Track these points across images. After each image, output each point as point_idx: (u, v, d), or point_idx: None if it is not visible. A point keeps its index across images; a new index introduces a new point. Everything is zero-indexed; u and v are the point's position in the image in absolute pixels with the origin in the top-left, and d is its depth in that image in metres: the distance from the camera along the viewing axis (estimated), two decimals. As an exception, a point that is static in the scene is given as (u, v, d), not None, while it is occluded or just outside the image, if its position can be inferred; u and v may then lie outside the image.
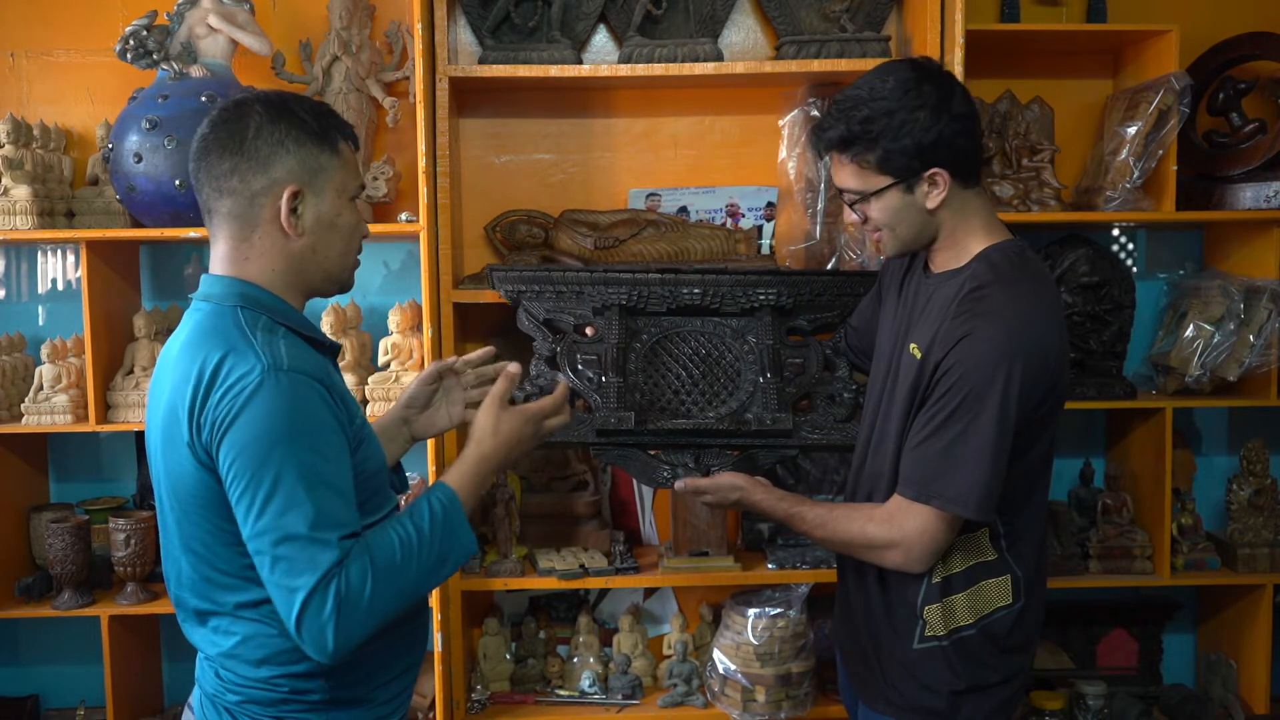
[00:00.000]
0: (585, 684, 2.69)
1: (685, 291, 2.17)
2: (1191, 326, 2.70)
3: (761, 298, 2.17)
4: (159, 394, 1.49)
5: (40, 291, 2.85)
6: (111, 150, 2.45)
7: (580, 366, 2.10)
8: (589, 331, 2.17)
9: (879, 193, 1.68)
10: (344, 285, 1.59)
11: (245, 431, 1.36)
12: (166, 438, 1.47)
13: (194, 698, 1.59)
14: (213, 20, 2.52)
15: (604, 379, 2.06)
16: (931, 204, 1.68)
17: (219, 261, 1.52)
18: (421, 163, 2.44)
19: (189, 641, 1.56)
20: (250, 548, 1.39)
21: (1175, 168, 2.61)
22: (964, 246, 1.72)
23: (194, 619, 1.53)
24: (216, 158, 1.48)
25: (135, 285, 2.78)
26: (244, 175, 1.47)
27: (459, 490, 1.52)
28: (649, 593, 2.87)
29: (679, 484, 1.92)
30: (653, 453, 2.04)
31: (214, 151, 1.48)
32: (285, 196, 1.47)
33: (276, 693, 1.49)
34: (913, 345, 1.72)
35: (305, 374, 1.40)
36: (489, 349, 1.88)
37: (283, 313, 1.49)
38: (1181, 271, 2.94)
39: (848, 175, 1.70)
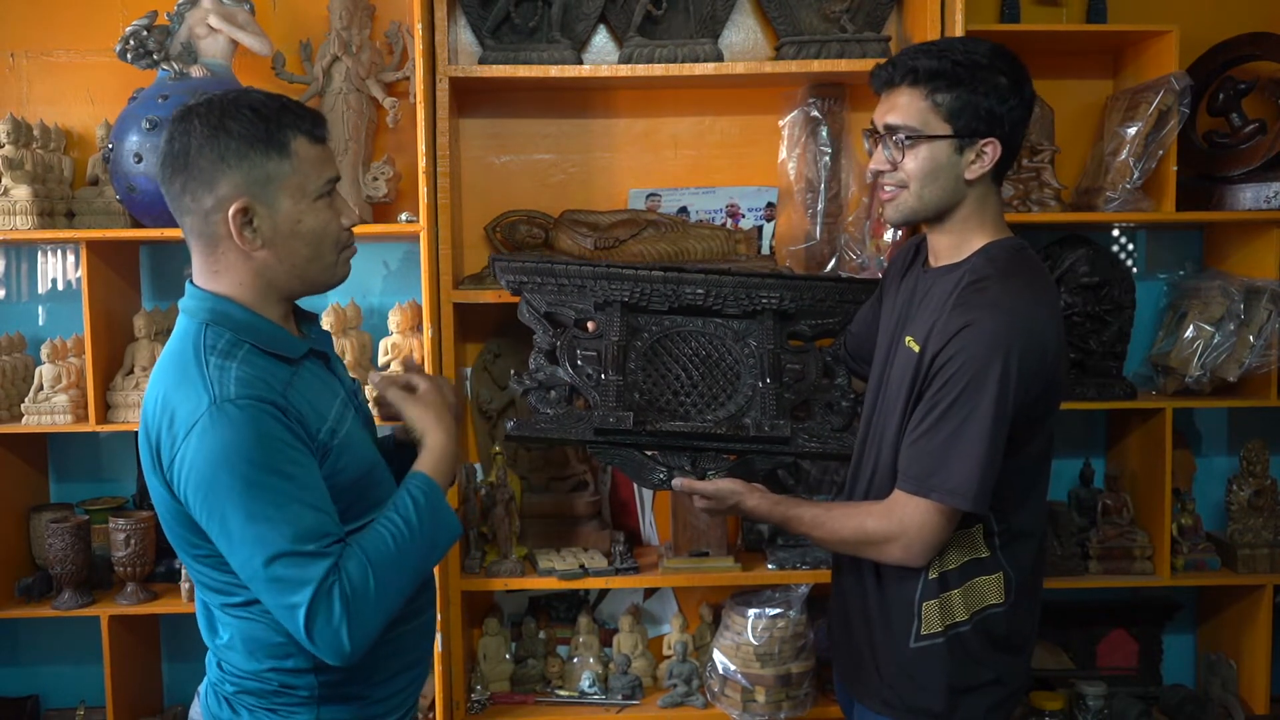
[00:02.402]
0: (585, 684, 2.69)
1: (688, 291, 2.17)
2: (1191, 327, 2.70)
3: (764, 301, 2.17)
4: (144, 406, 1.50)
5: (40, 291, 2.85)
6: (111, 150, 2.45)
7: (580, 361, 2.09)
8: (590, 326, 2.16)
9: (931, 139, 1.67)
10: (328, 285, 1.56)
11: (204, 472, 1.36)
12: (143, 452, 1.49)
13: (202, 685, 1.62)
14: (213, 20, 2.52)
15: (604, 376, 2.06)
16: (970, 175, 1.68)
17: (195, 272, 1.52)
18: (422, 163, 2.44)
19: (199, 630, 1.59)
20: (243, 578, 1.40)
21: (1175, 168, 2.61)
22: (968, 239, 1.72)
23: (202, 606, 1.57)
24: (169, 177, 1.46)
25: (135, 285, 2.78)
26: (194, 194, 1.45)
27: (434, 476, 1.54)
28: (649, 593, 2.87)
29: (676, 483, 1.93)
30: (649, 453, 2.04)
31: (166, 170, 1.46)
32: (232, 214, 1.43)
33: (268, 685, 1.51)
34: (909, 339, 1.73)
35: (255, 399, 1.39)
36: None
37: (250, 328, 1.47)
38: (1181, 272, 2.94)
39: (911, 111, 1.67)
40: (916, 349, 1.69)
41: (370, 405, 1.87)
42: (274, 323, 1.51)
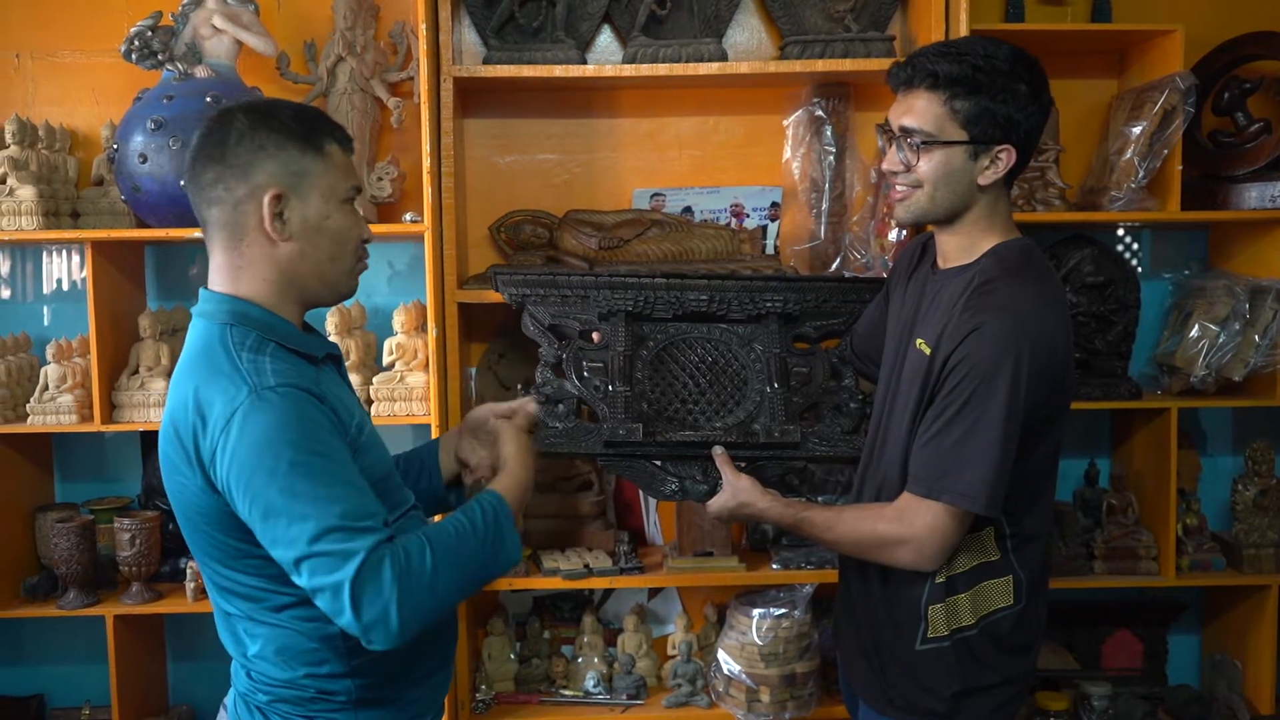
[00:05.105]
0: (590, 684, 2.69)
1: (691, 297, 2.16)
2: (1196, 326, 2.70)
3: (768, 304, 2.16)
4: (167, 410, 1.50)
5: (45, 292, 2.85)
6: (116, 151, 2.45)
7: (586, 374, 2.08)
8: (595, 337, 2.16)
9: (947, 145, 1.66)
10: (343, 292, 1.58)
11: (247, 457, 1.36)
12: (167, 456, 1.48)
13: (229, 697, 1.61)
14: (217, 21, 2.52)
15: (611, 388, 2.04)
16: (984, 180, 1.67)
17: (214, 274, 1.53)
18: (426, 163, 2.44)
19: (221, 643, 1.58)
20: (286, 564, 1.38)
21: (1180, 167, 2.60)
22: (978, 241, 1.72)
23: (224, 619, 1.55)
24: (202, 168, 1.48)
25: (140, 285, 2.79)
26: (228, 183, 1.47)
27: (506, 497, 1.56)
28: (653, 593, 2.87)
29: (716, 449, 1.94)
30: (659, 463, 2.03)
31: (199, 162, 1.49)
32: (267, 200, 1.46)
33: (305, 693, 1.51)
34: (919, 341, 1.72)
35: (294, 386, 1.40)
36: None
37: (272, 328, 1.49)
38: (1186, 271, 2.93)
39: (928, 116, 1.66)
40: (928, 351, 1.69)
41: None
42: (293, 324, 1.53)
